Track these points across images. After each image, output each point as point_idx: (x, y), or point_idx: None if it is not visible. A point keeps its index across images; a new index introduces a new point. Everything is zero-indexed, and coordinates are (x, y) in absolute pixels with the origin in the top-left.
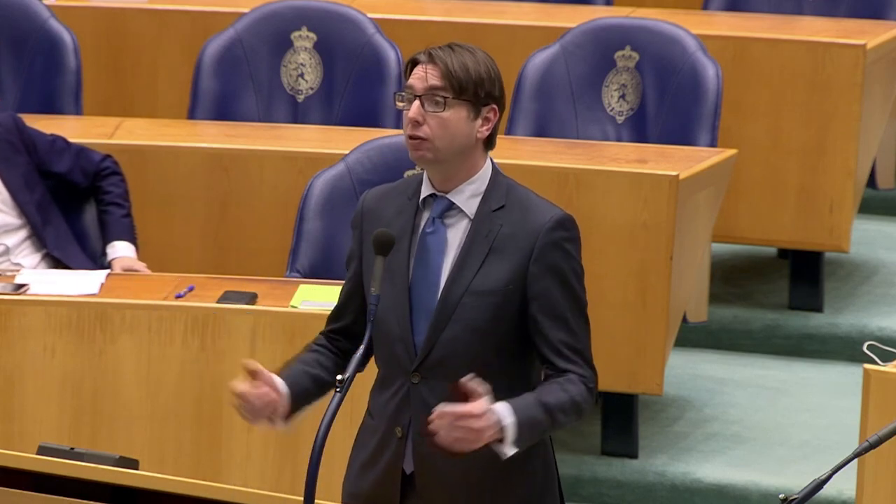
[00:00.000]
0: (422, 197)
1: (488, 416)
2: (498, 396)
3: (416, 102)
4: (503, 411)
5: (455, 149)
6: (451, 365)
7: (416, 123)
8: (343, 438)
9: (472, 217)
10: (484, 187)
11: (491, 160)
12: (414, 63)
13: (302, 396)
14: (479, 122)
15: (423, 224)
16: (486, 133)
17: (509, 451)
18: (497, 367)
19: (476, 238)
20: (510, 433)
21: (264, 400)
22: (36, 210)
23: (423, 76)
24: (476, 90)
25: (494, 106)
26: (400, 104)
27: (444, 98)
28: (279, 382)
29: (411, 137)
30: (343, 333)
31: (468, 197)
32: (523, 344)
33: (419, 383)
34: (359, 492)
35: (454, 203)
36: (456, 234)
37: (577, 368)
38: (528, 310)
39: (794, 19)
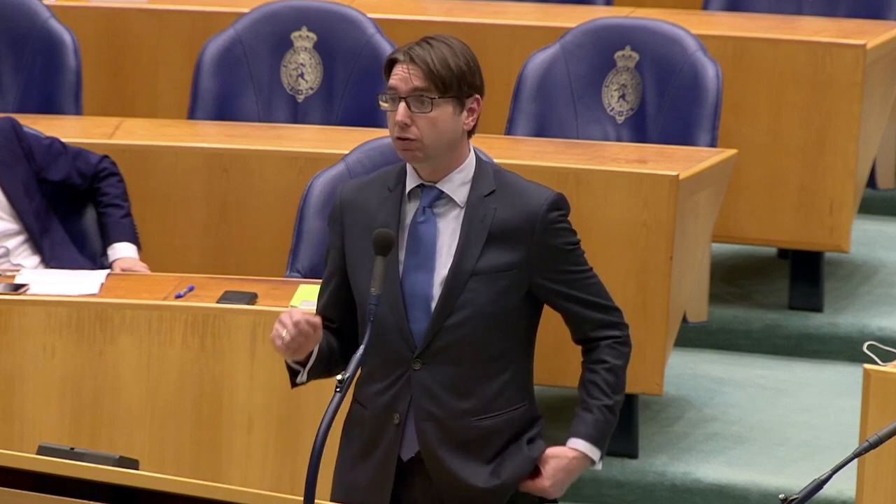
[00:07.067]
0: (408, 189)
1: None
2: (500, 379)
3: (402, 105)
4: (581, 446)
5: (444, 145)
6: (455, 350)
7: (405, 125)
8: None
9: (462, 205)
10: (471, 174)
11: (471, 145)
12: (392, 62)
13: (325, 353)
14: (465, 114)
15: (409, 214)
16: (472, 124)
17: (600, 465)
18: (500, 350)
19: (472, 224)
20: (595, 456)
21: (305, 332)
22: (34, 219)
23: (406, 77)
24: (459, 85)
25: (477, 96)
26: (384, 105)
27: (431, 98)
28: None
29: (400, 139)
30: (335, 335)
31: (458, 185)
32: (526, 327)
33: (420, 369)
34: (353, 483)
35: (443, 192)
36: (447, 223)
37: (604, 332)
38: (546, 295)
39: (794, 19)
